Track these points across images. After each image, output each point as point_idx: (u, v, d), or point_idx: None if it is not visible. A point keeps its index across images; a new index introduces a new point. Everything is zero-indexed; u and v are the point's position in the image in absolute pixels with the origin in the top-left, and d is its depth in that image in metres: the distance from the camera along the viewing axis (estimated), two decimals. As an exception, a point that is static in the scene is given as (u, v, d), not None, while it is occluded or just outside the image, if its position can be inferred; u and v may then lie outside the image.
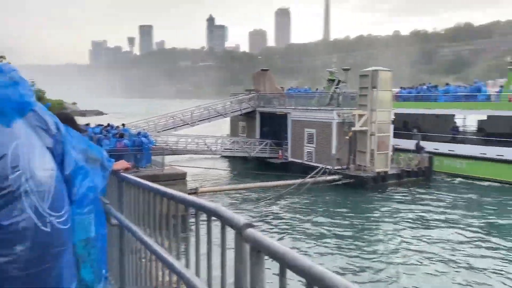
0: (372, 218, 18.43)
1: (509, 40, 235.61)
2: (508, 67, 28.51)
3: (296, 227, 16.91)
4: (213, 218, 1.77)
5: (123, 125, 23.28)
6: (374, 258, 13.79)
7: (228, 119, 35.41)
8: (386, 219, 18.20)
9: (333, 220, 17.90)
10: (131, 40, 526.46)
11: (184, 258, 2.16)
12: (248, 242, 1.40)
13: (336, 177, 24.41)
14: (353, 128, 24.85)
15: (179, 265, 2.07)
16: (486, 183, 24.91)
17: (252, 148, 30.65)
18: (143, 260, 2.74)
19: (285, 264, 1.17)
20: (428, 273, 12.56)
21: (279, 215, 18.72)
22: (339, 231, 16.38)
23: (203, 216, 1.85)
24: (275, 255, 1.21)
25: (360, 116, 24.82)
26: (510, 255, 13.91)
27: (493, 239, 15.41)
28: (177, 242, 2.34)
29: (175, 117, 30.22)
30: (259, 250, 1.32)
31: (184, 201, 2.08)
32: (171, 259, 2.17)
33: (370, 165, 24.64)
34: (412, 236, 15.86)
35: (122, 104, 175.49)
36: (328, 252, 14.20)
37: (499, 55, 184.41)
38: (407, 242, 15.22)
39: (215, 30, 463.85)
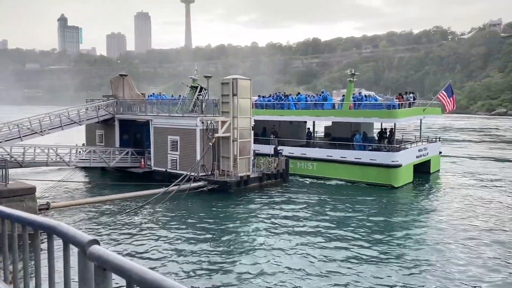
0: (236, 221, 18.86)
1: (350, 55, 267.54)
2: (348, 79, 32.37)
3: (159, 238, 16.25)
4: (55, 236, 1.54)
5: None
6: (238, 260, 14.10)
7: (83, 127, 32.93)
8: (249, 220, 18.80)
9: (197, 227, 17.79)
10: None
11: (22, 282, 1.86)
12: (92, 260, 1.21)
13: (201, 183, 24.45)
14: (216, 135, 25.25)
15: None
16: (333, 182, 27.62)
17: (112, 158, 28.97)
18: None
19: (132, 280, 1.03)
20: (289, 267, 13.32)
21: (140, 227, 17.84)
22: (202, 238, 16.30)
23: (45, 235, 1.62)
24: (121, 272, 1.06)
25: (223, 122, 25.34)
26: (356, 244, 15.59)
27: (342, 232, 17.10)
28: (14, 264, 2.01)
29: (21, 125, 26.85)
30: (105, 268, 1.15)
31: (20, 220, 1.79)
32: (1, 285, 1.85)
33: (234, 170, 25.29)
34: (273, 234, 16.67)
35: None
36: (191, 260, 13.94)
37: (341, 68, 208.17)
38: (269, 240, 15.94)
39: (68, 31, 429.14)
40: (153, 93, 40.73)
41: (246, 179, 25.41)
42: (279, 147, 29.32)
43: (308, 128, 33.16)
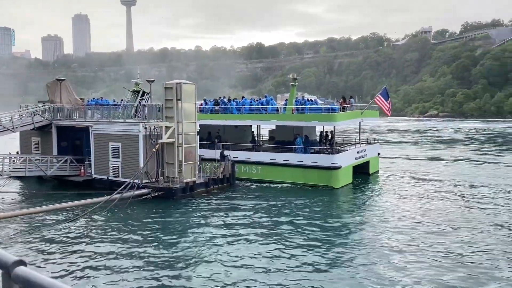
0: (181, 229, 18.48)
1: (292, 60, 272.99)
2: (291, 83, 32.95)
3: (98, 253, 15.31)
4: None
5: None
6: (184, 270, 13.87)
7: (17, 134, 31.05)
8: (195, 228, 18.49)
9: (140, 238, 17.11)
10: None
11: None
12: (17, 282, 1.14)
13: (145, 191, 23.85)
14: (160, 140, 24.76)
15: None
16: (278, 185, 27.98)
17: (49, 166, 27.53)
18: None
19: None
20: (236, 275, 13.28)
21: (78, 240, 16.86)
22: (145, 249, 15.67)
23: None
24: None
25: (167, 128, 24.91)
26: (297, 247, 15.87)
27: (286, 237, 17.27)
28: None
29: None
30: (31, 291, 1.08)
31: None
32: None
33: (179, 176, 24.92)
34: (220, 241, 16.52)
35: None
36: (133, 276, 13.15)
37: (285, 72, 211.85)
38: (215, 248, 15.78)
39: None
40: (94, 98, 39.23)
41: (192, 185, 25.11)
42: (225, 152, 29.27)
43: (252, 132, 33.39)
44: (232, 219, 19.88)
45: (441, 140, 65.23)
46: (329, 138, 31.48)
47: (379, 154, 34.69)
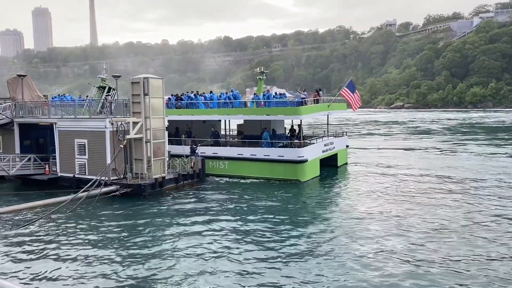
0: (150, 226, 18.28)
1: (261, 53, 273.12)
2: (258, 77, 33.10)
3: (63, 255, 14.91)
4: None
5: None
6: (155, 269, 13.79)
7: (-24, 133, 29.89)
8: (165, 224, 18.35)
9: (108, 236, 16.86)
10: None
11: None
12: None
13: (113, 188, 23.50)
14: (128, 136, 24.41)
15: None
16: (248, 180, 28.07)
17: (11, 166, 26.67)
18: None
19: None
20: (207, 272, 13.32)
21: (43, 241, 16.38)
22: (113, 249, 15.48)
23: None
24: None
25: (135, 123, 24.57)
26: (265, 241, 16.07)
27: (254, 231, 17.38)
28: None
29: None
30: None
31: None
32: None
33: (148, 172, 24.68)
34: (190, 237, 16.49)
35: None
36: (100, 282, 12.78)
37: (253, 66, 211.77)
38: (185, 244, 15.71)
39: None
40: (58, 95, 38.13)
41: (161, 181, 24.91)
42: (195, 147, 29.12)
43: (213, 128, 32.82)
44: (201, 215, 19.79)
45: (408, 131, 67.10)
46: (297, 132, 31.70)
47: (347, 146, 35.31)
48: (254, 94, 32.75)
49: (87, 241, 16.39)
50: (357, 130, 69.28)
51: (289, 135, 32.27)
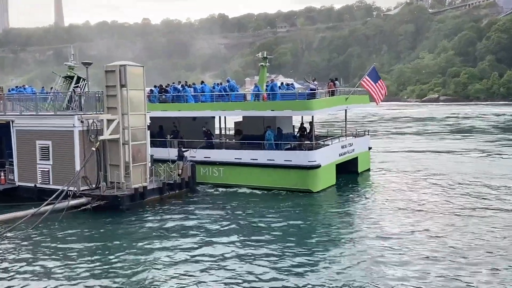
0: (129, 247, 18.23)
1: (263, 34, 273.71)
2: (260, 63, 32.95)
3: (23, 279, 14.94)
4: None
5: None
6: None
7: None
8: (146, 246, 18.36)
9: (77, 261, 16.84)
10: None
11: None
12: None
13: (83, 200, 23.55)
14: (101, 137, 24.45)
15: None
16: (247, 190, 27.98)
17: (-41, 173, 26.75)
18: None
19: None
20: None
21: None
22: (84, 274, 15.48)
23: None
24: None
25: (110, 121, 24.60)
26: (274, 267, 16.06)
27: (253, 258, 17.29)
28: None
29: None
30: None
31: None
32: None
33: (126, 181, 24.71)
34: (177, 263, 16.45)
35: None
36: None
37: (254, 50, 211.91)
38: (171, 272, 15.65)
39: None
40: (16, 86, 38.26)
41: (142, 191, 24.93)
42: (184, 150, 29.13)
43: (205, 128, 32.72)
44: (191, 235, 19.62)
45: (444, 129, 67.05)
46: (307, 131, 31.63)
47: (370, 148, 35.33)
48: (255, 85, 32.81)
49: (49, 268, 16.28)
50: (382, 129, 69.33)
51: (298, 134, 32.30)
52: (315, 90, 29.83)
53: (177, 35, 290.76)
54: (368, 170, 34.49)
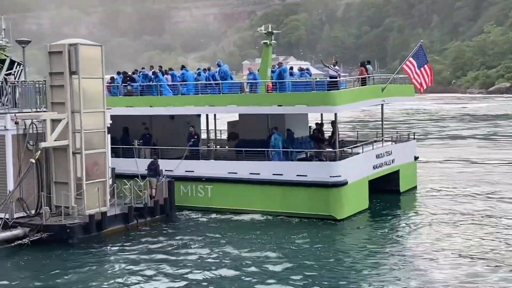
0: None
1: (267, 1, 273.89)
2: (263, 41, 32.75)
3: None
4: None
5: None
6: None
7: None
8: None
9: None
10: None
11: None
12: None
13: (18, 231, 23.46)
14: (43, 144, 24.41)
15: None
16: (247, 218, 27.85)
17: None
18: None
19: None
20: None
21: None
22: None
23: None
24: None
25: (55, 122, 24.57)
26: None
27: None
28: None
29: None
30: None
31: None
32: None
33: (77, 205, 24.64)
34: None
35: None
36: None
37: (254, 23, 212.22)
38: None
39: None
40: None
41: (100, 219, 24.80)
42: (157, 160, 29.08)
43: (190, 131, 32.69)
44: (168, 282, 19.54)
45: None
46: (330, 135, 31.50)
47: (416, 158, 35.24)
48: (249, 71, 32.64)
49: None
50: (434, 130, 69.11)
51: (314, 139, 32.17)
52: (336, 77, 29.64)
53: (149, 3, 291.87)
54: (414, 188, 34.42)
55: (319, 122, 33.37)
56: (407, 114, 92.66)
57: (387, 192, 31.81)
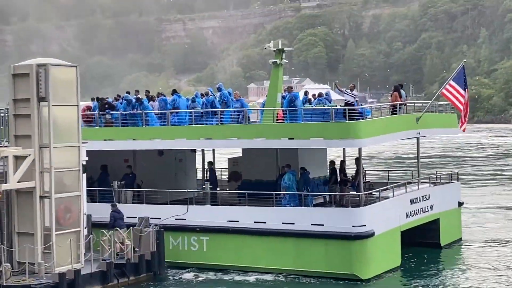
0: None
1: (277, 12, 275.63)
2: (272, 60, 32.88)
3: None
4: None
5: None
6: None
7: None
8: None
9: None
10: None
11: None
12: None
13: (-29, 294, 23.55)
14: (3, 186, 24.53)
15: None
16: (251, 278, 27.83)
17: None
18: None
19: None
20: None
21: None
22: None
23: None
24: None
25: (19, 159, 24.74)
26: None
27: None
28: None
29: None
30: None
31: None
32: None
33: (46, 261, 24.64)
34: None
35: None
36: None
37: (261, 37, 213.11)
38: None
39: None
40: None
41: (73, 279, 24.78)
42: (141, 206, 29.21)
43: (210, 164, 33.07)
44: None
45: None
46: (353, 174, 31.55)
47: (461, 204, 35.15)
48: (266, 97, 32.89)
49: None
50: (483, 169, 68.86)
51: (333, 179, 32.18)
52: (353, 104, 29.37)
53: (134, 16, 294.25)
54: (459, 241, 34.29)
55: (342, 160, 33.33)
56: (447, 148, 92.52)
57: (425, 246, 31.74)
